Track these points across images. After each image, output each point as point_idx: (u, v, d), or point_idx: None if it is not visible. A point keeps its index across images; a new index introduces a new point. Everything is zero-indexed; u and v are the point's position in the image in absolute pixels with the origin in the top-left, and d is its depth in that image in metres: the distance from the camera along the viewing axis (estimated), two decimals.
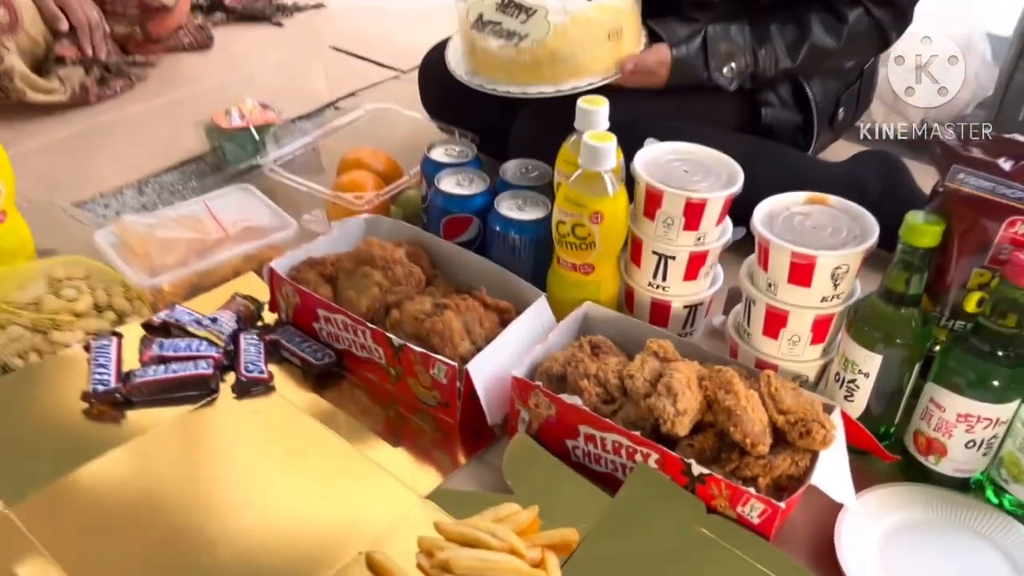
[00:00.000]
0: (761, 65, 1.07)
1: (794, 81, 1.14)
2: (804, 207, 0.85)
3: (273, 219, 1.09)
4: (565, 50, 0.99)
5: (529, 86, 1.02)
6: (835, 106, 1.17)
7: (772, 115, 1.14)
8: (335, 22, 1.84)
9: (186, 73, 1.57)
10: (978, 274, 0.76)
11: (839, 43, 1.07)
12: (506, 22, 1.00)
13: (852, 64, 1.15)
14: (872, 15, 1.06)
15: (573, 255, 0.90)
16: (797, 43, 1.07)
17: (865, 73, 1.20)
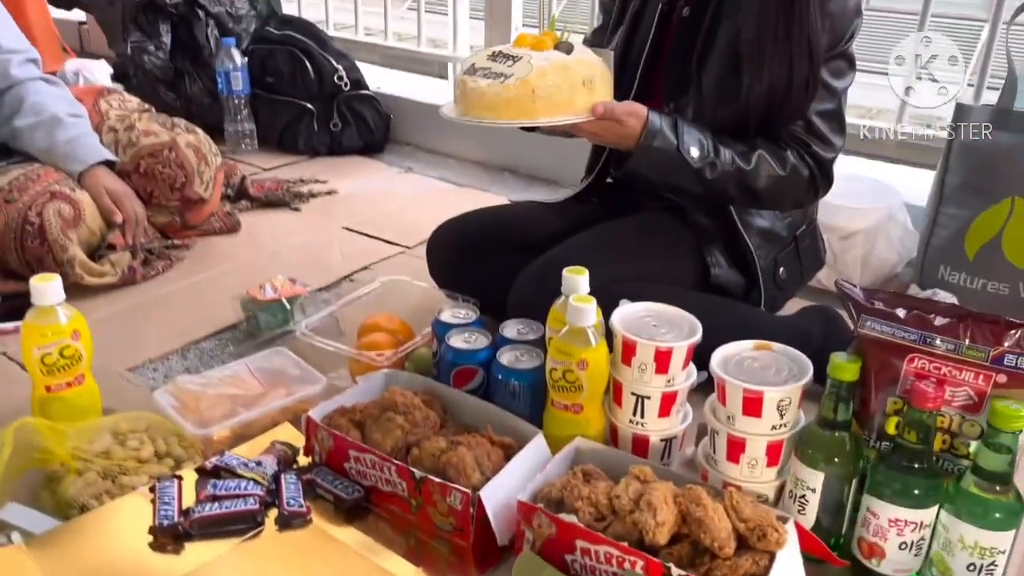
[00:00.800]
0: (721, 157, 1.21)
1: (735, 245, 1.34)
2: (752, 352, 1.04)
3: (304, 377, 1.26)
4: (543, 89, 1.13)
5: (511, 120, 1.15)
6: (775, 266, 1.37)
7: (720, 276, 1.34)
8: (346, 205, 2.08)
9: (217, 254, 1.79)
10: (893, 402, 0.94)
11: (784, 169, 1.23)
12: (495, 67, 1.16)
13: (789, 206, 1.32)
14: (804, 159, 1.26)
15: (564, 397, 1.07)
16: (748, 153, 1.23)
17: (798, 239, 1.41)
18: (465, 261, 1.45)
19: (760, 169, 1.23)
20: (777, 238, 1.37)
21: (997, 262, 1.42)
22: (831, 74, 1.23)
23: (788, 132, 1.25)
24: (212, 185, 1.81)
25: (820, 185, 1.28)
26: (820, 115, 1.24)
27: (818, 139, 1.25)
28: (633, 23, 1.34)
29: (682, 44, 1.29)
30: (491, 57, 1.18)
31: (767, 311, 1.38)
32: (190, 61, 2.43)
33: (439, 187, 2.25)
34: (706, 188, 1.24)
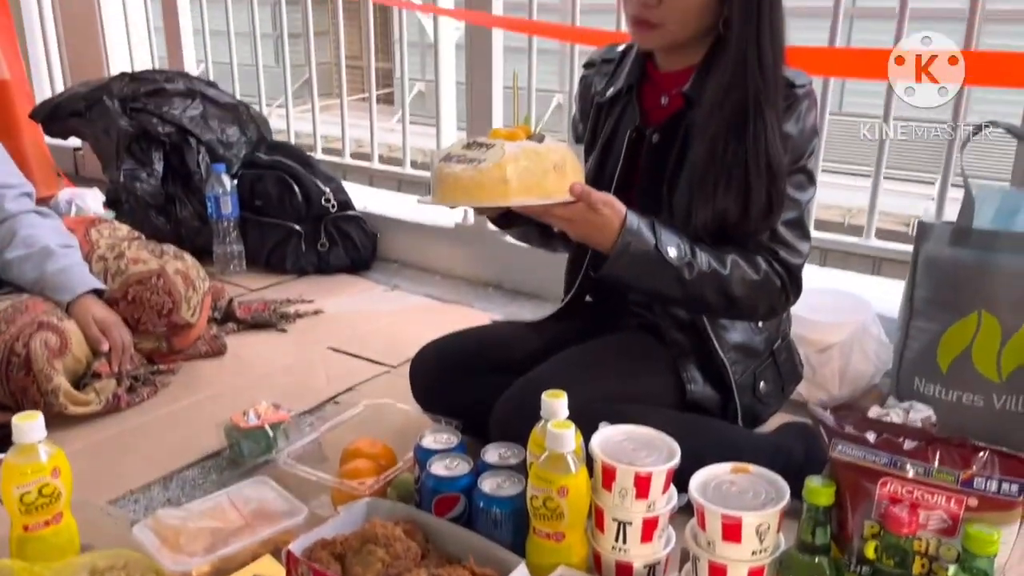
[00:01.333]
0: (698, 259, 1.22)
1: (710, 361, 1.36)
2: (730, 476, 1.05)
3: (285, 506, 1.25)
4: (515, 171, 1.15)
5: (485, 202, 1.17)
6: (754, 380, 1.39)
7: (695, 392, 1.35)
8: (332, 325, 2.11)
9: (203, 378, 1.80)
10: (870, 525, 0.94)
11: (758, 274, 1.26)
12: (470, 154, 1.19)
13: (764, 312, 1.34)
14: (774, 266, 1.29)
15: (546, 525, 1.07)
16: (723, 258, 1.25)
17: (776, 351, 1.43)
18: (448, 382, 1.47)
19: (735, 273, 1.25)
20: (754, 352, 1.39)
21: (969, 375, 1.45)
22: (793, 187, 1.28)
23: (755, 241, 1.29)
24: (199, 310, 1.84)
25: (791, 291, 1.32)
26: (785, 224, 1.29)
27: (785, 246, 1.29)
28: (605, 147, 1.41)
29: (653, 168, 1.35)
30: (466, 146, 1.22)
31: (747, 426, 1.39)
32: (181, 186, 2.50)
33: (424, 304, 2.28)
34: (685, 292, 1.24)
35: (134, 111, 2.50)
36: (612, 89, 1.40)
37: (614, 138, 1.40)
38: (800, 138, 1.27)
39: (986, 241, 1.41)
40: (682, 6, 1.22)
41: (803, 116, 1.27)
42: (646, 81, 1.37)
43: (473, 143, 1.22)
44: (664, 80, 1.35)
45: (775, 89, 1.23)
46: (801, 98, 1.27)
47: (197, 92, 2.58)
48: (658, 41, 1.28)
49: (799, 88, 1.27)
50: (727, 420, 1.38)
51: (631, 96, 1.38)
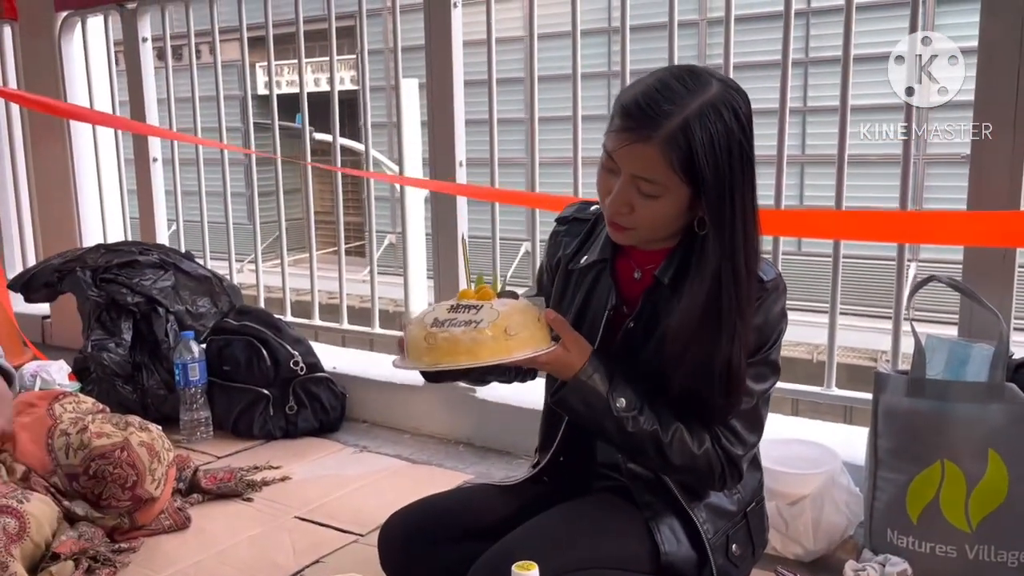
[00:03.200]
0: (643, 417, 1.26)
1: (686, 520, 1.36)
2: None
3: None
4: (513, 327, 1.21)
5: (487, 359, 1.20)
6: (727, 542, 1.38)
7: (670, 553, 1.33)
8: (299, 492, 2.07)
9: (165, 555, 1.74)
10: None
11: (698, 448, 1.27)
12: (460, 317, 1.23)
13: (725, 498, 1.36)
14: (716, 450, 1.29)
15: None
16: (669, 422, 1.27)
17: (749, 514, 1.43)
18: (417, 552, 1.43)
19: (675, 443, 1.28)
20: (727, 514, 1.38)
21: (940, 525, 1.45)
22: (752, 378, 1.29)
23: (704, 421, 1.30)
24: (164, 482, 1.80)
25: (728, 477, 1.32)
26: (736, 414, 1.30)
27: (731, 435, 1.30)
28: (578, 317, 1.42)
29: (628, 344, 1.37)
30: (452, 310, 1.27)
31: None
32: (148, 355, 2.50)
33: (394, 466, 2.25)
34: (624, 440, 1.29)
35: (104, 281, 2.53)
36: (585, 259, 1.42)
37: (586, 309, 1.42)
38: (765, 328, 1.29)
39: (940, 391, 1.44)
40: (652, 215, 1.25)
41: (769, 308, 1.28)
42: (620, 254, 1.40)
43: (457, 306, 1.27)
44: (639, 257, 1.37)
45: (748, 298, 1.25)
46: (769, 292, 1.28)
47: (171, 264, 2.63)
48: (631, 240, 1.32)
49: (767, 283, 1.28)
50: None
51: (605, 269, 1.40)
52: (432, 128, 2.44)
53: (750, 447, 1.32)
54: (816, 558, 1.64)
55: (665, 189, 1.21)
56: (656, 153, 1.18)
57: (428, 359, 1.25)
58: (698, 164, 1.17)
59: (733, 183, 1.20)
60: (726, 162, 1.19)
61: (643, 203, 1.23)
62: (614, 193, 1.25)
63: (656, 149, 1.18)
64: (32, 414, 1.79)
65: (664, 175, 1.19)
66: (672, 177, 1.19)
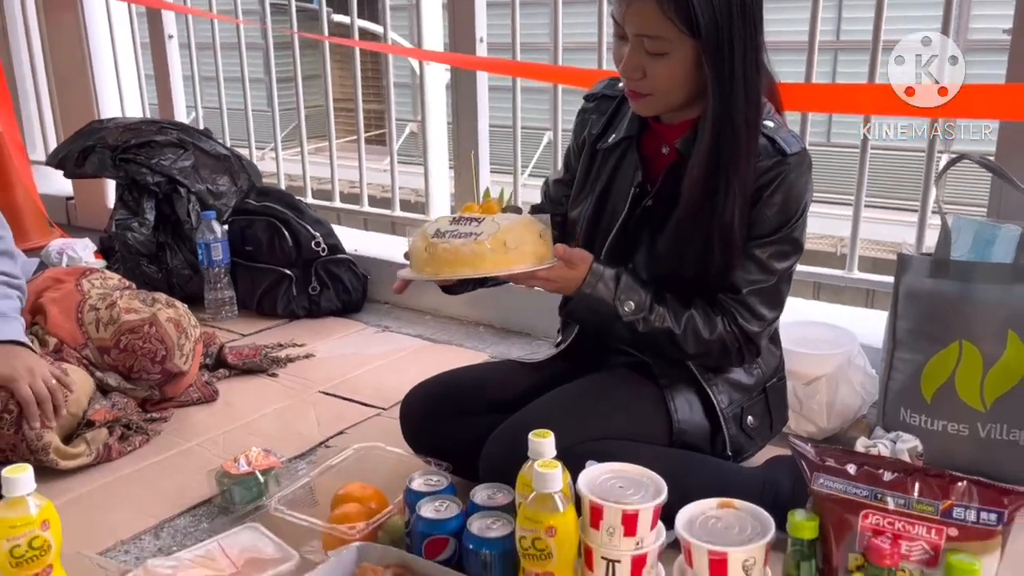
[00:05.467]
0: (653, 316, 1.30)
1: (701, 391, 1.38)
2: (717, 511, 1.05)
3: (277, 552, 1.25)
4: (512, 241, 1.23)
5: (486, 271, 1.24)
6: (742, 413, 1.40)
7: (683, 423, 1.36)
8: (323, 369, 2.12)
9: (195, 425, 1.81)
10: (854, 558, 0.95)
11: (711, 334, 1.31)
12: (462, 228, 1.25)
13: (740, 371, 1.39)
14: (731, 329, 1.32)
15: (535, 565, 1.07)
16: (680, 312, 1.30)
17: (768, 389, 1.45)
18: (437, 424, 1.47)
19: (688, 334, 1.31)
20: (744, 388, 1.40)
21: (953, 404, 1.46)
22: (774, 256, 1.30)
23: (719, 301, 1.32)
24: (192, 357, 1.85)
25: (746, 353, 1.34)
26: (754, 291, 1.31)
27: (747, 312, 1.31)
28: (602, 195, 1.42)
29: (647, 221, 1.37)
30: (453, 222, 1.29)
31: (734, 459, 1.40)
32: (172, 235, 2.52)
33: (415, 345, 2.29)
34: (637, 338, 1.34)
35: (123, 161, 2.52)
36: (613, 137, 1.42)
37: (611, 187, 1.42)
38: (788, 203, 1.28)
39: (964, 272, 1.43)
40: (665, 77, 1.25)
41: (792, 183, 1.27)
42: (646, 130, 1.39)
43: (459, 219, 1.29)
44: (665, 131, 1.37)
45: (746, 154, 1.25)
46: (792, 167, 1.27)
47: (189, 143, 2.61)
48: (651, 109, 1.31)
49: (791, 157, 1.27)
50: (715, 453, 1.38)
51: (631, 146, 1.39)
52: (452, 5, 2.37)
53: (768, 323, 1.33)
54: (828, 436, 1.67)
55: (670, 44, 1.21)
56: (654, 6, 1.19)
57: (429, 269, 1.27)
58: (693, 10, 1.17)
59: (732, 32, 1.20)
60: (724, 10, 1.19)
61: (652, 64, 1.24)
62: (625, 58, 1.26)
63: (653, 2, 1.19)
64: (60, 289, 1.82)
65: (665, 28, 1.20)
66: (672, 29, 1.20)
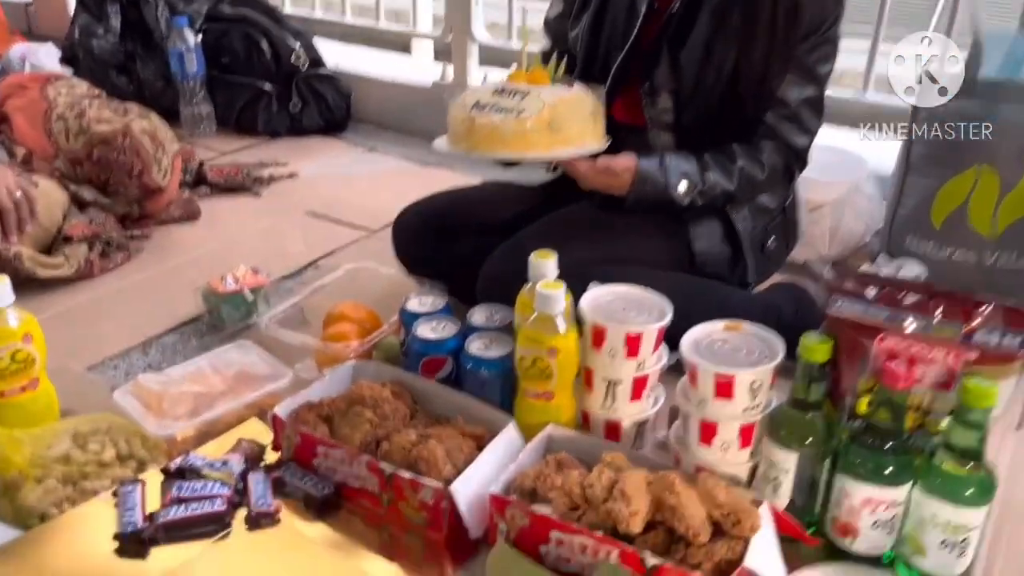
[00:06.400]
0: (708, 184, 1.24)
1: (723, 218, 1.33)
2: (723, 334, 1.03)
3: (269, 370, 1.23)
4: (558, 121, 1.16)
5: (526, 153, 1.17)
6: (764, 236, 1.36)
7: (704, 249, 1.31)
8: (308, 189, 2.04)
9: (177, 243, 1.75)
10: (863, 382, 0.93)
11: (763, 172, 1.25)
12: (503, 102, 1.18)
13: (766, 197, 1.33)
14: (780, 150, 1.26)
15: (535, 385, 1.05)
16: (730, 169, 1.24)
17: (787, 210, 1.39)
18: (432, 243, 1.42)
19: (743, 185, 1.26)
20: (766, 211, 1.35)
21: (963, 231, 1.42)
22: (817, 60, 1.22)
23: (767, 121, 1.24)
24: (170, 172, 1.76)
25: (796, 170, 1.31)
26: (804, 102, 1.24)
27: (798, 126, 1.25)
28: (599, 9, 1.31)
29: (664, 34, 1.26)
30: (496, 93, 1.20)
31: (754, 284, 1.36)
32: (141, 44, 2.36)
33: (404, 167, 2.21)
34: (695, 208, 1.28)
35: None
36: None
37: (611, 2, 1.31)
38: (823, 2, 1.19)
39: (990, 92, 1.35)
40: None
41: None
42: None
43: (503, 90, 1.20)
44: None
45: None
46: None
47: None
48: None
49: None
50: (735, 279, 1.35)
51: None
52: None
53: (814, 135, 1.28)
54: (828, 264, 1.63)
55: None
56: None
57: (465, 144, 1.20)
58: None
59: None
60: None
61: None
62: None
63: None
64: (24, 96, 1.70)
65: None
66: None
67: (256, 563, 0.95)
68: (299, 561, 0.96)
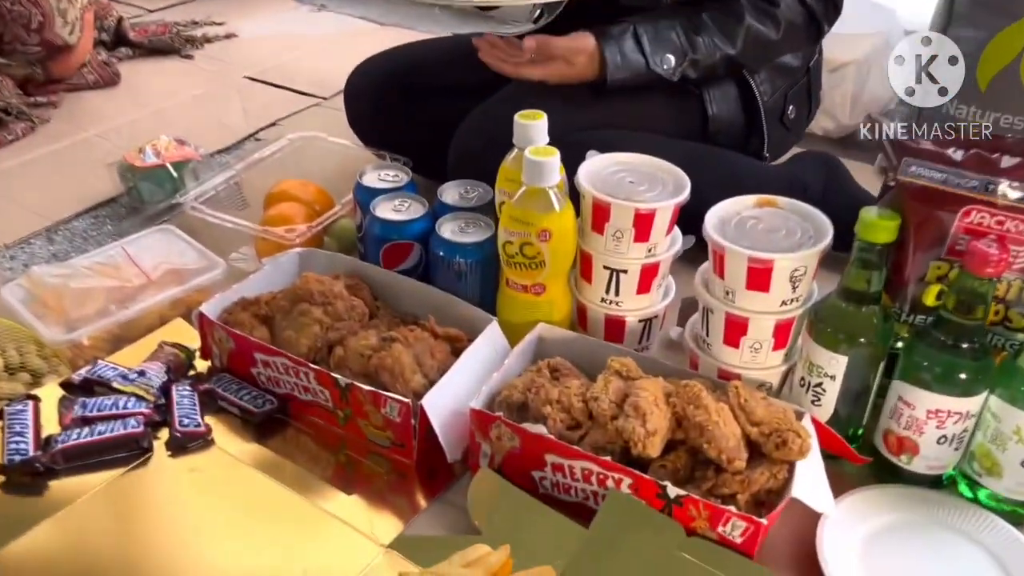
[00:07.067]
0: (701, 52, 1.04)
1: (740, 80, 1.12)
2: (754, 211, 0.83)
3: (199, 260, 1.02)
4: None
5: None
6: (784, 103, 1.15)
7: (717, 114, 1.11)
8: (248, 51, 1.78)
9: (92, 112, 1.49)
10: (935, 267, 0.75)
11: (777, 32, 1.05)
12: None
13: (789, 54, 1.13)
14: (805, 4, 1.05)
15: (523, 276, 0.86)
16: (734, 29, 1.04)
17: (811, 71, 1.19)
18: (392, 107, 1.20)
19: (748, 48, 1.05)
20: (790, 71, 1.14)
21: (1013, 93, 1.22)
22: None
23: None
24: (79, 27, 1.49)
25: (825, 21, 1.09)
26: None
27: None
28: None
29: None
30: None
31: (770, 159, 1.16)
32: None
33: (358, 27, 1.94)
34: (699, 76, 1.07)
35: None
36: None
37: None
38: None
39: None
40: None
41: None
42: None
43: None
44: None
45: None
46: None
47: None
48: None
49: None
50: (749, 154, 1.14)
51: None
52: None
53: None
54: (847, 134, 1.43)
55: None
56: None
57: None
58: None
59: None
60: None
61: None
62: None
63: None
64: None
65: None
66: None
67: (182, 495, 0.77)
68: (235, 492, 0.78)
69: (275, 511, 0.76)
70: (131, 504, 0.76)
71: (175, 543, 0.73)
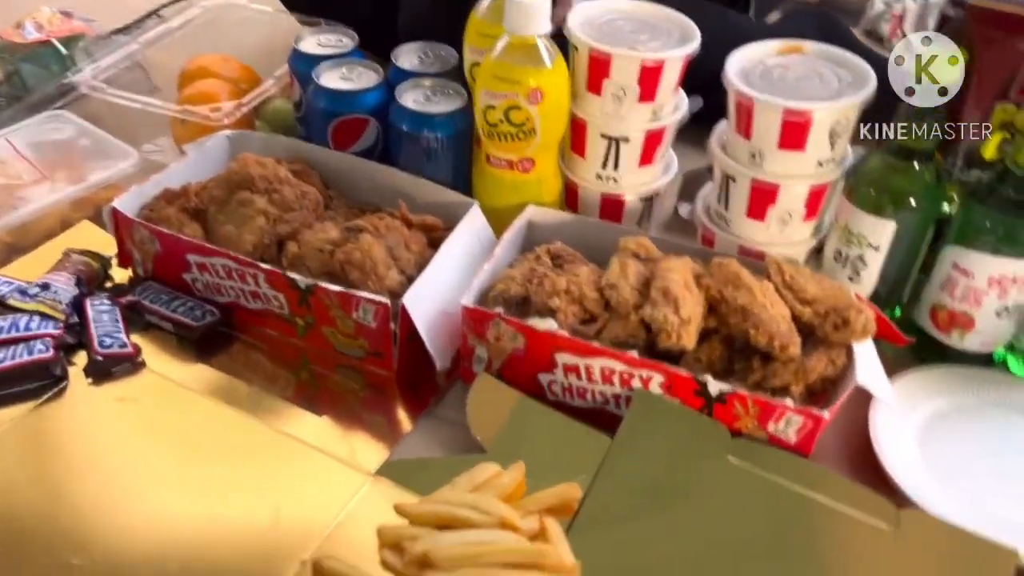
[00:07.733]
0: None
1: None
2: (779, 58, 0.71)
3: (103, 150, 0.84)
4: None
5: None
6: None
7: None
8: None
9: None
10: (1001, 110, 0.65)
11: None
12: None
13: None
14: None
15: (508, 149, 0.72)
16: None
17: None
18: None
19: None
20: None
21: None
22: None
23: None
24: None
25: None
26: None
27: None
28: None
29: None
30: None
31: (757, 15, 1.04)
32: None
33: None
34: None
35: None
36: None
37: None
38: None
39: None
40: None
41: None
42: None
43: None
44: None
45: None
46: None
47: None
48: None
49: None
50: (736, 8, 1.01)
51: None
52: None
53: None
54: None
55: None
56: None
57: None
58: None
59: None
60: None
61: None
62: None
63: None
64: None
65: None
66: None
67: (111, 431, 0.63)
68: (178, 423, 0.64)
69: (231, 443, 0.62)
70: (48, 445, 0.61)
71: (110, 491, 0.58)
